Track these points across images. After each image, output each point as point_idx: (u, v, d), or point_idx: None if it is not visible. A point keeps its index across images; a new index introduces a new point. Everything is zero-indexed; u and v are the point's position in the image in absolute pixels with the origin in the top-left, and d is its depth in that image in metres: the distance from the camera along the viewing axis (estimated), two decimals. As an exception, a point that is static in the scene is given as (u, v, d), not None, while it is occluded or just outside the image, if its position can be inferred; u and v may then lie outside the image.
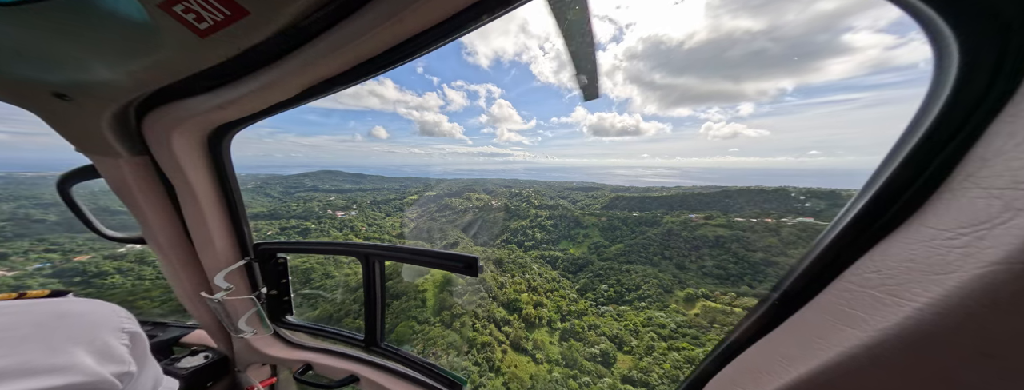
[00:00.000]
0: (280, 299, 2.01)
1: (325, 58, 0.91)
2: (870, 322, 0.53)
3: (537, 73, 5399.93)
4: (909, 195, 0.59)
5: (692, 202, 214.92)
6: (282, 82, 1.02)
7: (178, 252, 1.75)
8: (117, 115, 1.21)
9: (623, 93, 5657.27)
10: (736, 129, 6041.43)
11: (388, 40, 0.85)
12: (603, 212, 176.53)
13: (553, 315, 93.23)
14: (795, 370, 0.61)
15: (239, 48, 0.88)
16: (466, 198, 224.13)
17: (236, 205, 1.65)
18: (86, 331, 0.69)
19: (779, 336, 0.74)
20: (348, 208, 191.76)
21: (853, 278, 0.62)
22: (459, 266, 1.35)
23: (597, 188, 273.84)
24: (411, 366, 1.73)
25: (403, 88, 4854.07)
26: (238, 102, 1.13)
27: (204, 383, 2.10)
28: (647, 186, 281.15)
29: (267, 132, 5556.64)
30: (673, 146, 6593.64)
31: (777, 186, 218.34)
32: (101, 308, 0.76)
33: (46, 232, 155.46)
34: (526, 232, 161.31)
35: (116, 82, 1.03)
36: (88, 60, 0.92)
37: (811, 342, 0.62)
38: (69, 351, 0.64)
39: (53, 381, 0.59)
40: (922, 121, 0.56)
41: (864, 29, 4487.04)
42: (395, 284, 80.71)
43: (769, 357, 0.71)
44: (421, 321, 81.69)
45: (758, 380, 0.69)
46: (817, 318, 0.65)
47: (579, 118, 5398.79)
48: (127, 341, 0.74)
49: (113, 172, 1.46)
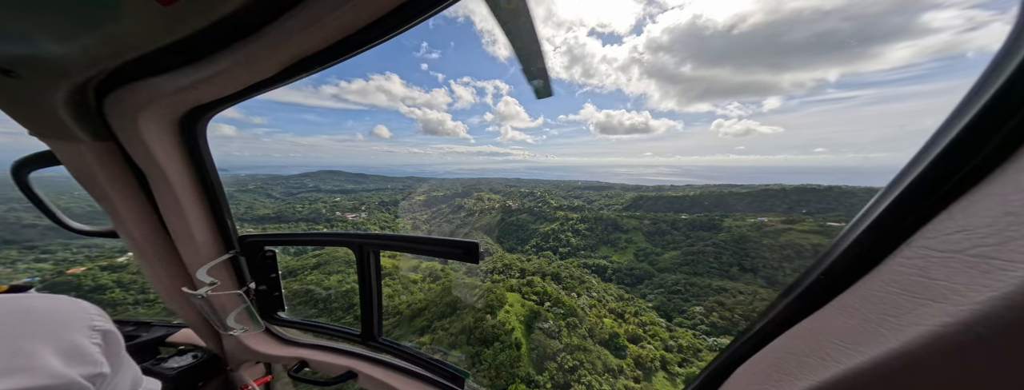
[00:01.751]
0: (270, 294, 1.92)
1: (305, 31, 0.84)
2: (966, 293, 0.41)
3: (548, 68, 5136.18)
4: (1008, 131, 0.44)
5: (732, 202, 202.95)
6: (259, 59, 0.94)
7: (155, 246, 1.64)
8: (73, 94, 1.10)
9: (638, 89, 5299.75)
10: (749, 126, 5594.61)
11: (373, 10, 0.79)
12: (644, 214, 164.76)
13: (662, 352, 73.39)
14: (857, 354, 0.50)
15: (209, 19, 0.79)
16: (477, 198, 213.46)
17: (217, 194, 1.54)
18: (51, 329, 0.63)
19: (828, 316, 0.61)
20: (357, 210, 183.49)
21: (927, 242, 0.49)
22: (458, 252, 1.27)
23: (607, 187, 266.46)
24: (411, 360, 1.68)
25: (410, 84, 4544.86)
26: (211, 81, 1.03)
27: (194, 383, 2.04)
28: (656, 184, 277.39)
29: (264, 132, 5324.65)
30: (673, 145, 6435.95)
31: (816, 184, 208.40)
32: (69, 305, 0.70)
33: (37, 238, 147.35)
34: (558, 237, 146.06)
35: (67, 57, 0.93)
36: (32, 32, 0.83)
37: (875, 321, 0.50)
38: (32, 351, 0.58)
39: (13, 383, 0.53)
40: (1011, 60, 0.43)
41: (953, 4, 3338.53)
42: (478, 323, 66.78)
43: (816, 340, 0.60)
44: (530, 382, 62.82)
45: (805, 365, 0.58)
46: (881, 293, 0.52)
47: (587, 115, 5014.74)
48: (99, 340, 0.68)
49: (74, 159, 1.35)
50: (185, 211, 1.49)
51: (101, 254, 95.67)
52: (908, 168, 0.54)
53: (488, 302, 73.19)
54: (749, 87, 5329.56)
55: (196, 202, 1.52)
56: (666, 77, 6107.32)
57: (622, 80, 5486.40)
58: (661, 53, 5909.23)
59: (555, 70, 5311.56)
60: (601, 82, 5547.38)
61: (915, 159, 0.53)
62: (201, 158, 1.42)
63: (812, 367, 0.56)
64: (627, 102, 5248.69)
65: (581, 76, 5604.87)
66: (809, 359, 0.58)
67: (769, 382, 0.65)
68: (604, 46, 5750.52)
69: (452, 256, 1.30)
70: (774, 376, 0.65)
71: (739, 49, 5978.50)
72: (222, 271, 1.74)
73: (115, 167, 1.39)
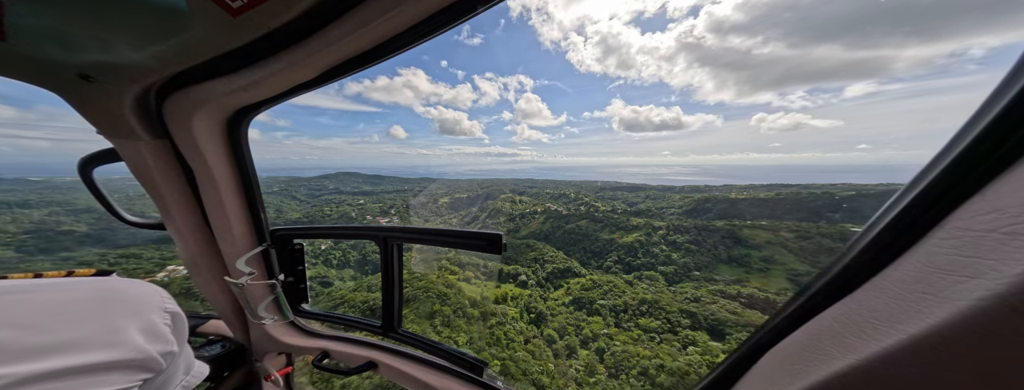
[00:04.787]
0: (296, 286, 2.00)
1: (351, 36, 0.88)
2: (1000, 268, 0.42)
3: (576, 62, 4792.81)
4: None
5: (848, 204, 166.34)
6: (305, 62, 0.99)
7: (197, 238, 1.75)
8: (139, 97, 1.21)
9: (684, 80, 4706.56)
10: (798, 120, 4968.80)
11: (417, 13, 0.82)
12: (776, 224, 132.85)
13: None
14: (895, 332, 0.50)
15: (268, 27, 0.86)
16: (510, 201, 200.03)
17: (253, 190, 1.63)
18: (135, 309, 0.71)
19: (863, 298, 0.62)
20: (386, 213, 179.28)
21: (961, 224, 0.51)
22: (482, 244, 1.30)
23: (639, 188, 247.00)
24: (430, 350, 1.72)
25: (435, 80, 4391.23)
26: (260, 84, 1.10)
27: (221, 372, 2.13)
28: (689, 184, 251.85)
29: (283, 135, 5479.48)
30: (686, 143, 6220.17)
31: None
32: (146, 287, 0.78)
33: (74, 245, 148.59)
34: (651, 251, 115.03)
35: (141, 63, 1.01)
36: (114, 41, 0.91)
37: (913, 300, 0.51)
38: (122, 328, 0.66)
39: (108, 355, 0.61)
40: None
41: None
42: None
43: (853, 320, 0.60)
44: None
45: (843, 344, 0.58)
46: (916, 273, 0.54)
47: (613, 111, 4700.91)
48: (169, 321, 0.76)
49: (134, 155, 1.46)
50: (225, 205, 1.58)
51: (139, 266, 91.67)
52: (941, 154, 0.55)
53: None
54: (853, 66, 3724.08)
55: (235, 197, 1.61)
56: (727, 64, 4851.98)
57: (663, 71, 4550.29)
58: (733, 35, 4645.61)
59: (585, 63, 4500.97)
60: (637, 75, 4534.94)
61: (948, 145, 0.54)
62: (242, 156, 1.51)
63: (851, 346, 0.56)
64: (670, 95, 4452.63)
65: (616, 68, 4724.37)
66: (847, 338, 0.58)
67: (802, 362, 0.65)
68: (644, 35, 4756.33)
69: (476, 248, 1.31)
70: (808, 356, 0.65)
71: (858, 19, 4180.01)
72: (254, 262, 1.81)
73: (167, 163, 1.49)
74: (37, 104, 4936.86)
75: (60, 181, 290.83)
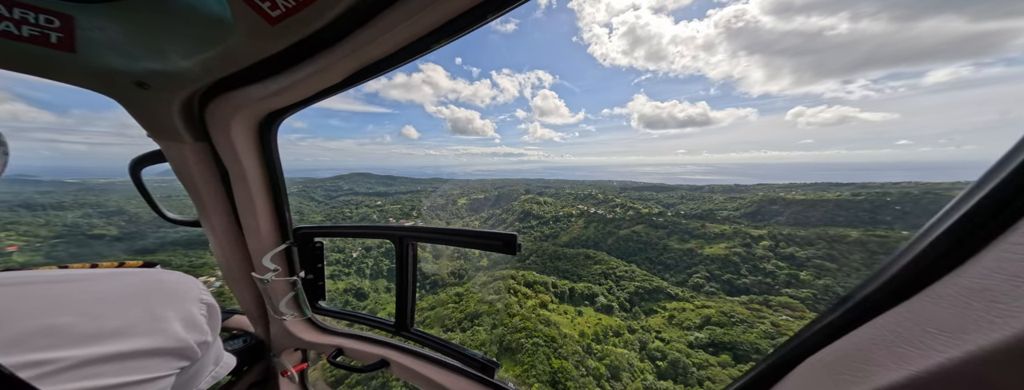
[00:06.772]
0: (315, 284, 2.06)
1: (379, 39, 0.92)
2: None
3: (600, 55, 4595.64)
4: None
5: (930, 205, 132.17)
6: (333, 66, 1.04)
7: (228, 235, 1.85)
8: (185, 102, 1.29)
9: (726, 71, 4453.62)
10: (845, 113, 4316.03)
11: (445, 14, 0.85)
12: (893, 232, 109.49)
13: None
14: (962, 343, 0.45)
15: (303, 34, 0.91)
16: (537, 202, 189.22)
17: (280, 190, 1.72)
18: (176, 299, 0.76)
19: (920, 305, 0.56)
20: (408, 215, 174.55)
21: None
22: (497, 244, 1.30)
23: (670, 188, 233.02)
24: (442, 350, 1.74)
25: (455, 76, 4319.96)
26: (291, 88, 1.16)
27: (240, 366, 2.20)
28: (720, 184, 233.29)
29: (297, 137, 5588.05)
30: (702, 141, 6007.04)
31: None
32: (185, 279, 0.84)
33: (104, 249, 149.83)
34: (757, 266, 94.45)
35: (189, 71, 1.09)
36: (168, 51, 0.98)
37: (982, 308, 0.45)
38: (165, 316, 0.71)
39: (151, 342, 0.66)
40: None
41: None
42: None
43: (909, 329, 0.54)
44: None
45: (898, 354, 0.53)
46: (985, 280, 0.48)
47: (635, 108, 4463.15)
48: (205, 312, 0.80)
49: (177, 157, 1.56)
50: (255, 204, 1.68)
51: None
52: (1014, 150, 0.50)
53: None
54: (954, 48, 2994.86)
55: (265, 197, 1.71)
56: (783, 50, 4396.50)
57: (700, 62, 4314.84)
58: (799, 16, 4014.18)
59: (609, 57, 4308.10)
60: (668, 67, 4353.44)
61: (1016, 147, 0.49)
62: (272, 158, 1.61)
63: (906, 357, 0.52)
64: (709, 88, 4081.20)
65: (643, 61, 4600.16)
66: (902, 348, 0.53)
67: (849, 371, 0.61)
68: (677, 23, 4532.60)
69: (491, 248, 1.32)
70: (855, 366, 0.60)
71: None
72: (278, 259, 1.89)
73: (206, 164, 1.59)
74: (72, 108, 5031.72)
75: (94, 183, 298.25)
